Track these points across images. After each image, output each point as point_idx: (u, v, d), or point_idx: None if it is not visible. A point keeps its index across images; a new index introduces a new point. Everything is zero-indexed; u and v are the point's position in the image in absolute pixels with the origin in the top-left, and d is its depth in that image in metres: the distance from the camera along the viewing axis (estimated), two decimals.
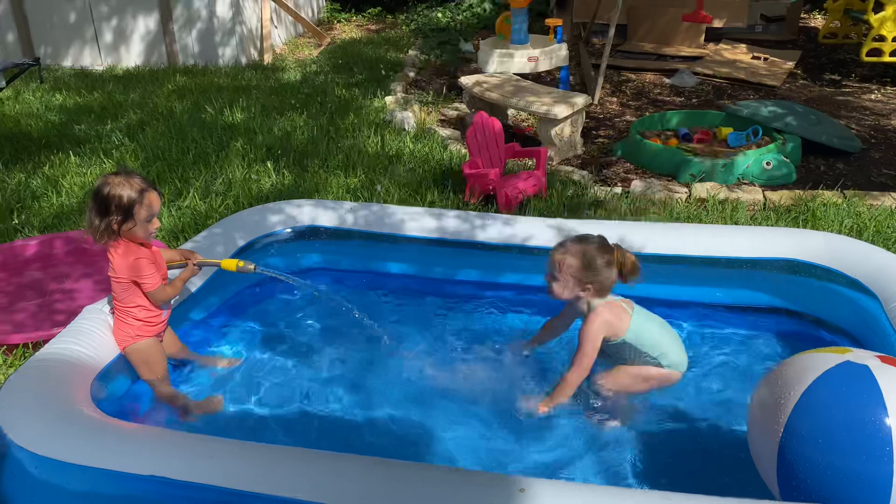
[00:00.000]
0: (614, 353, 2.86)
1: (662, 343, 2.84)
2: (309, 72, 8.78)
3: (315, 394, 3.04)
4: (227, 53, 9.30)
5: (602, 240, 2.84)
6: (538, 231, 3.56)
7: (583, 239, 2.84)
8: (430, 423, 2.86)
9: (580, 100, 5.88)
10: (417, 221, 3.69)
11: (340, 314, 3.32)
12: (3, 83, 5.65)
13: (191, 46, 9.30)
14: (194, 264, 3.00)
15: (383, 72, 8.52)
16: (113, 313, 2.89)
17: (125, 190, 2.67)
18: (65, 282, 4.08)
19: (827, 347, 2.27)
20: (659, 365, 2.82)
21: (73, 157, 5.81)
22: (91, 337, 2.80)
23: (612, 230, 3.49)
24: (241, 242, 3.55)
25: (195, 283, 3.27)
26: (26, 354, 3.31)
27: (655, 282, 3.47)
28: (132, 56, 9.36)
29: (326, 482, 2.00)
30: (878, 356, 2.16)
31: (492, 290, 3.68)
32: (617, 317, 2.80)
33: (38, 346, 3.32)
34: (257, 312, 3.62)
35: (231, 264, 3.02)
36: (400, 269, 3.78)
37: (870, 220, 4.46)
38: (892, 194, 4.87)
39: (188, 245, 3.46)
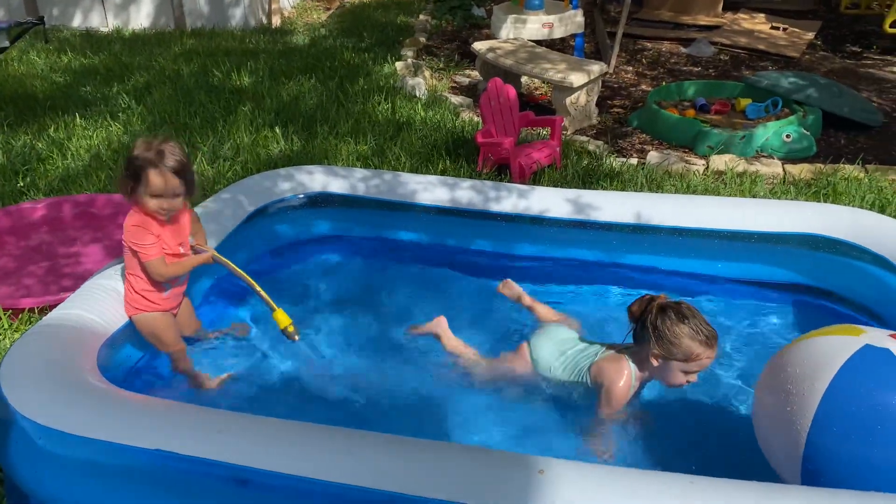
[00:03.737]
0: None
1: None
2: (318, 35, 8.62)
3: (326, 369, 2.98)
4: (235, 16, 9.14)
5: None
6: (554, 203, 3.47)
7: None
8: (440, 401, 2.81)
9: (596, 68, 5.73)
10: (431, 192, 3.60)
11: (353, 288, 3.25)
12: (7, 43, 5.55)
13: (199, 8, 9.13)
14: (212, 257, 2.78)
15: (393, 35, 8.35)
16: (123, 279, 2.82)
17: (141, 158, 2.51)
18: (73, 246, 4.02)
19: (834, 327, 2.17)
20: None
21: (78, 120, 5.72)
22: (99, 302, 2.73)
23: (632, 202, 3.40)
24: (251, 209, 3.47)
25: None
26: (32, 319, 3.27)
27: (673, 255, 3.43)
28: (140, 17, 9.20)
29: (336, 459, 1.94)
30: (891, 334, 2.07)
31: (507, 260, 3.61)
32: None
33: (44, 311, 3.28)
34: (271, 282, 3.54)
35: (284, 321, 2.79)
36: (414, 238, 3.71)
37: (892, 195, 4.35)
38: None
39: (197, 210, 3.38)
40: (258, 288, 2.82)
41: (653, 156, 5.07)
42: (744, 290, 3.35)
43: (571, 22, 6.96)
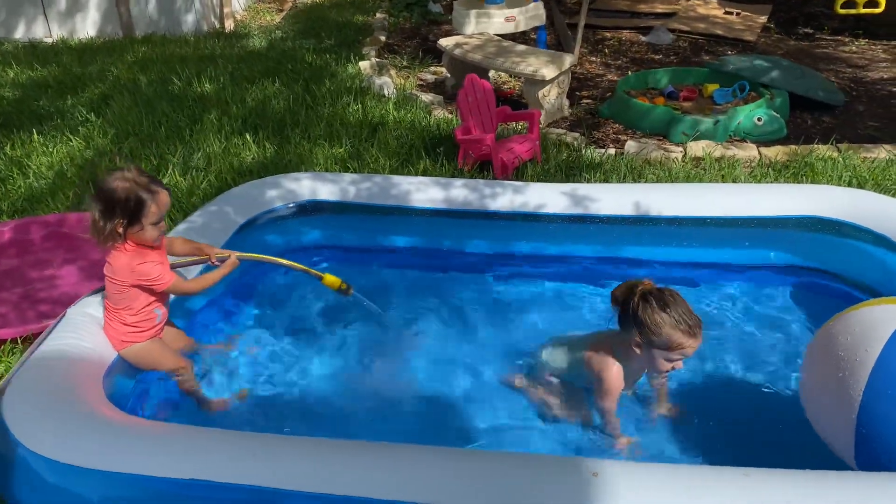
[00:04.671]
0: None
1: None
2: (275, 38, 8.44)
3: (336, 381, 2.90)
4: (187, 21, 8.89)
5: None
6: (551, 198, 3.44)
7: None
8: (451, 405, 2.76)
9: (567, 60, 5.73)
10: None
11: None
12: None
13: (148, 15, 8.86)
14: (238, 259, 2.75)
15: (352, 35, 8.23)
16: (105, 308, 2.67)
17: (133, 190, 2.37)
18: (46, 269, 3.83)
19: (883, 298, 2.20)
20: None
21: (36, 136, 5.46)
22: (92, 330, 2.59)
23: (629, 193, 3.39)
24: (240, 220, 3.35)
25: (193, 272, 3.00)
26: (15, 350, 3.10)
27: (676, 245, 3.43)
28: (85, 26, 8.86)
29: (382, 475, 1.87)
30: None
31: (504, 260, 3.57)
32: None
33: (26, 339, 3.11)
34: (264, 298, 3.43)
35: (335, 282, 2.92)
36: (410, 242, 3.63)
37: (868, 172, 4.44)
38: (885, 146, 4.87)
39: (181, 227, 3.25)
40: (295, 265, 2.92)
41: (630, 145, 5.08)
42: (749, 275, 3.37)
43: (533, 15, 6.95)
